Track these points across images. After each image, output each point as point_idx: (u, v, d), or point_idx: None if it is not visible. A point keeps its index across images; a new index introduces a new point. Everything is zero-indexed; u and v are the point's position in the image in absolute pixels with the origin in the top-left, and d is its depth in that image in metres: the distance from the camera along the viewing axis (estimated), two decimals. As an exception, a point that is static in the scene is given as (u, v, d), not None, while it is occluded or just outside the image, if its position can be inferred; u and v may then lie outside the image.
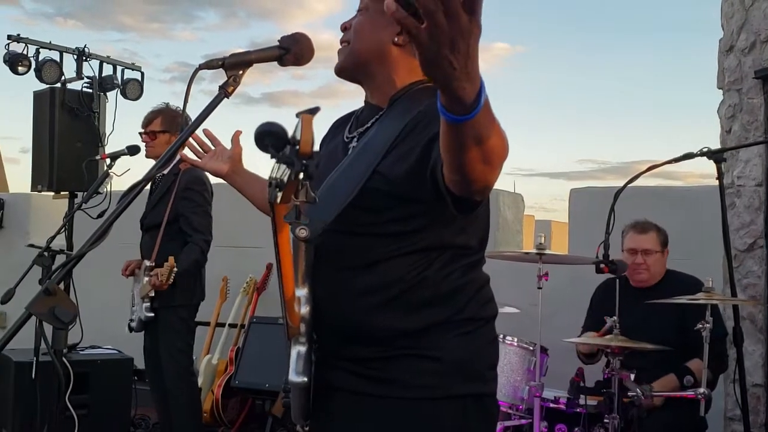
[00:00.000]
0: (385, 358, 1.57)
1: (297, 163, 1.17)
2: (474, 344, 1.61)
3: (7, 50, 4.81)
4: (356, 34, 1.72)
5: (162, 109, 4.36)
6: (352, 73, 1.76)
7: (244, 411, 5.37)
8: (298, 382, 1.54)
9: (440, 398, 1.57)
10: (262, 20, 43.97)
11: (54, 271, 1.45)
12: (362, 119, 1.75)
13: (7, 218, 7.20)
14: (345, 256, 1.59)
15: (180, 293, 4.14)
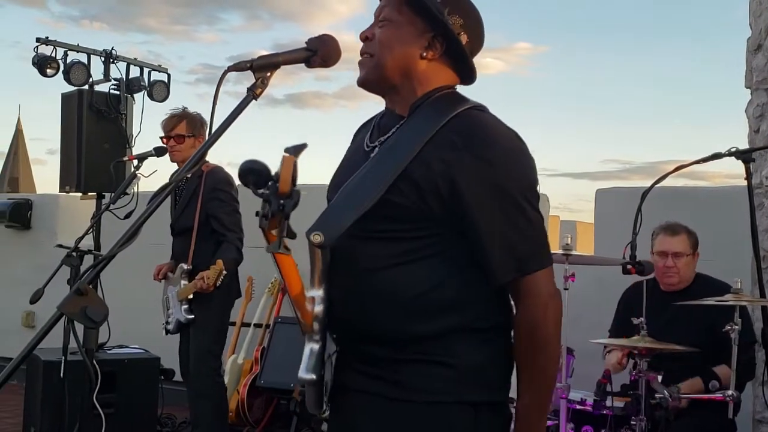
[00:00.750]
0: (399, 361, 1.58)
1: (274, 202, 1.24)
2: (489, 352, 1.62)
3: (35, 53, 4.85)
4: (383, 47, 1.70)
5: (184, 113, 4.38)
6: (376, 87, 1.76)
7: (269, 411, 5.39)
8: (306, 379, 1.57)
9: (452, 403, 1.57)
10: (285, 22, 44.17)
11: (85, 272, 1.47)
12: (383, 127, 1.75)
13: (35, 219, 7.28)
14: (362, 259, 1.60)
15: (216, 294, 4.17)
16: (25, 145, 22.81)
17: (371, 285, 1.59)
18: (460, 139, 1.58)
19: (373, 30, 1.73)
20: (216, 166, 4.30)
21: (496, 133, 1.62)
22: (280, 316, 5.52)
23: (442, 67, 1.72)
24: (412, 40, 1.69)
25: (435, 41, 1.69)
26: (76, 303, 1.42)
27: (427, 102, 1.69)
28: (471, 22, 1.72)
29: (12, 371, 1.37)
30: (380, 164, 1.63)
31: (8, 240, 7.42)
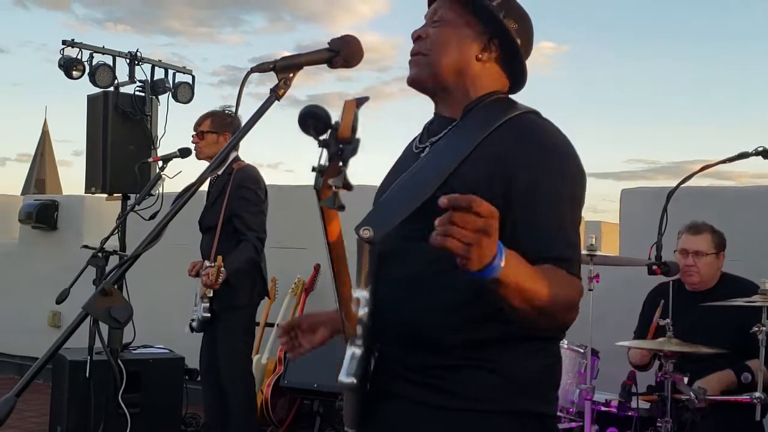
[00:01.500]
0: (445, 368, 1.55)
1: (333, 145, 1.18)
2: (538, 363, 1.59)
3: (62, 55, 4.90)
4: (439, 46, 1.69)
5: (212, 111, 4.43)
6: (428, 86, 1.73)
7: (292, 410, 5.41)
8: (346, 383, 1.52)
9: (500, 412, 1.55)
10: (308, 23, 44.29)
11: (110, 272, 1.48)
12: (433, 130, 1.73)
13: (61, 220, 7.36)
14: (410, 261, 1.58)
15: (240, 294, 4.18)
16: (51, 147, 23.02)
17: (421, 288, 1.57)
18: (516, 138, 1.57)
19: (426, 29, 1.72)
20: (247, 165, 4.31)
21: (552, 136, 1.61)
22: (304, 316, 5.53)
23: (495, 71, 1.72)
24: (469, 41, 1.68)
25: (491, 44, 1.69)
26: (101, 303, 1.43)
27: (480, 105, 1.68)
28: (524, 26, 1.72)
29: (37, 371, 1.38)
30: (431, 163, 1.62)
31: (35, 241, 7.51)
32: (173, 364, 5.05)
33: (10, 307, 7.56)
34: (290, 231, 5.69)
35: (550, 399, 1.63)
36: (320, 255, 5.75)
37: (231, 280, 4.08)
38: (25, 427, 5.26)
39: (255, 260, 4.19)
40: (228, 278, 4.05)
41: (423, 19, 1.78)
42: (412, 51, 1.74)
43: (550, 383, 1.64)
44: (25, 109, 54.67)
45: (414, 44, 1.74)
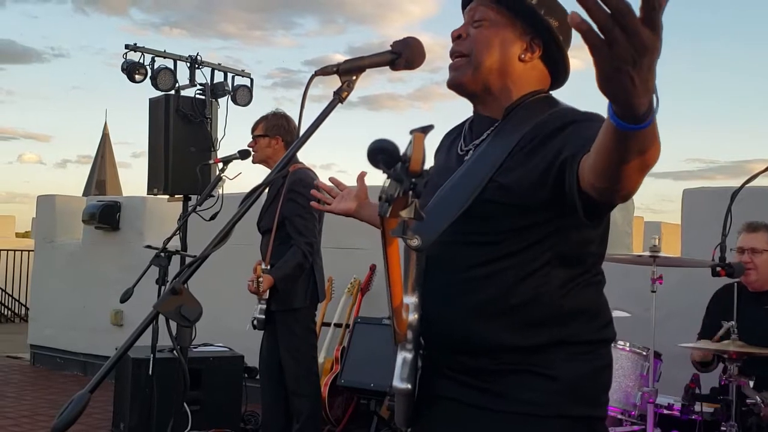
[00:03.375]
0: (495, 372, 1.55)
1: (406, 180, 1.18)
2: (589, 367, 1.58)
3: (125, 59, 5.02)
4: (482, 46, 1.67)
5: (266, 114, 4.46)
6: (470, 88, 1.71)
7: (349, 410, 5.44)
8: (401, 389, 1.54)
9: (550, 417, 1.54)
10: (359, 25, 44.55)
11: (180, 272, 1.50)
12: (476, 131, 1.72)
13: (124, 220, 7.52)
14: (457, 266, 1.58)
15: (294, 296, 4.21)
16: (111, 149, 23.51)
17: (469, 292, 1.56)
18: (556, 123, 1.54)
19: (467, 29, 1.70)
20: (301, 168, 4.31)
21: (589, 112, 1.58)
22: (360, 316, 5.56)
23: (538, 70, 1.70)
24: (512, 41, 1.67)
25: (533, 43, 1.67)
26: (172, 302, 1.46)
27: (521, 106, 1.66)
28: (564, 22, 1.69)
29: (110, 368, 1.40)
30: (474, 169, 1.61)
31: (98, 241, 7.68)
32: (233, 362, 5.13)
33: (74, 305, 7.76)
34: (346, 231, 5.72)
35: (601, 402, 1.62)
36: (376, 255, 5.77)
37: (279, 286, 4.11)
38: (90, 423, 5.39)
39: (303, 266, 4.17)
40: (276, 285, 4.08)
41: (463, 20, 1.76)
42: (451, 51, 1.72)
43: (601, 387, 1.62)
44: (85, 112, 56.05)
45: (453, 44, 1.72)
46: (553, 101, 1.68)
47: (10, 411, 5.94)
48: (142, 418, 4.70)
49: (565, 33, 1.70)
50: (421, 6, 41.79)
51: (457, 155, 1.73)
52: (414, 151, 1.18)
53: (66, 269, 8.00)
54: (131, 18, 46.44)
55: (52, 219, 8.27)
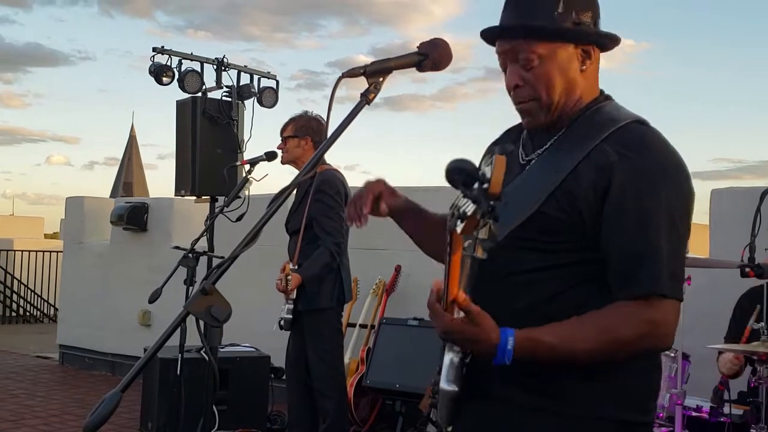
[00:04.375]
0: (544, 372, 1.55)
1: (484, 203, 1.19)
2: (640, 372, 1.58)
3: (152, 62, 5.05)
4: (545, 87, 1.63)
5: (294, 116, 4.48)
6: (550, 122, 1.67)
7: (375, 410, 5.44)
8: (448, 391, 1.55)
9: (598, 419, 1.54)
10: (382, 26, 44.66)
11: (209, 272, 1.52)
12: (537, 142, 1.70)
13: (151, 221, 7.58)
14: (509, 271, 1.58)
15: (320, 297, 4.22)
16: (138, 151, 23.72)
17: (522, 296, 1.57)
18: (619, 150, 1.54)
19: (518, 74, 1.65)
20: (328, 169, 4.33)
21: (656, 147, 1.57)
22: (385, 317, 5.57)
23: (595, 68, 1.69)
24: (568, 61, 1.64)
25: (586, 49, 1.65)
26: (202, 302, 1.47)
27: (585, 116, 1.65)
28: (596, 8, 1.68)
29: (140, 369, 1.41)
30: (537, 176, 1.61)
31: (126, 242, 7.76)
32: (259, 362, 5.16)
33: (102, 305, 7.84)
34: (372, 232, 5.69)
35: (648, 408, 1.61)
36: (401, 256, 5.79)
37: (307, 285, 4.13)
38: (118, 422, 5.44)
39: (331, 265, 4.19)
40: (304, 283, 4.10)
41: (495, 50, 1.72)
42: (516, 100, 1.68)
43: (648, 393, 1.62)
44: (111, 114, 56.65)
45: (514, 93, 1.68)
46: (616, 110, 1.65)
47: (39, 410, 6.02)
48: (170, 417, 4.74)
49: (595, 8, 1.68)
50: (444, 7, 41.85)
51: (519, 164, 1.71)
52: (495, 174, 1.18)
53: (94, 270, 8.08)
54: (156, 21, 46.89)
55: (81, 220, 8.36)
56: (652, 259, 1.50)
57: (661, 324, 1.50)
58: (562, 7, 1.62)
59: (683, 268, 1.55)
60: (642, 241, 1.50)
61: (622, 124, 1.60)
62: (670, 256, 1.51)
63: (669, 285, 1.50)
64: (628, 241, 1.51)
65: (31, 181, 69.93)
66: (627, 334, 1.49)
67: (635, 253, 1.50)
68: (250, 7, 50.56)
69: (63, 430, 5.45)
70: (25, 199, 72.79)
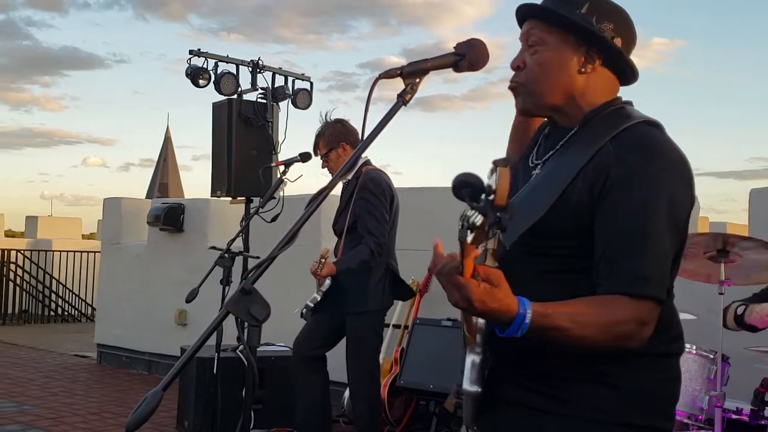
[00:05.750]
0: (563, 378, 1.56)
1: (491, 214, 1.21)
2: (657, 378, 1.58)
3: (188, 64, 5.11)
4: (539, 74, 1.65)
5: (319, 131, 4.46)
6: (538, 113, 1.73)
7: (408, 411, 5.45)
8: (471, 392, 1.56)
9: (614, 424, 1.54)
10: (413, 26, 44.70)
11: (249, 272, 1.54)
12: (550, 144, 1.71)
13: (187, 222, 7.66)
14: (528, 273, 1.58)
15: (371, 299, 4.23)
16: (173, 153, 23.96)
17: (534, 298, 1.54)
18: (619, 150, 1.54)
19: (523, 57, 1.69)
20: (372, 169, 4.33)
21: (657, 148, 1.56)
22: (419, 317, 5.57)
23: (603, 75, 1.67)
24: (568, 58, 1.64)
25: (591, 53, 1.65)
26: (242, 302, 1.49)
27: (598, 117, 1.64)
28: (620, 22, 1.67)
29: (181, 368, 1.43)
30: (544, 183, 1.62)
31: (162, 242, 7.85)
32: (294, 362, 5.18)
33: (140, 305, 7.94)
34: (404, 233, 5.71)
35: (667, 414, 1.61)
36: (435, 257, 5.76)
37: (339, 277, 4.14)
38: (154, 420, 5.50)
39: (368, 263, 4.18)
40: (336, 275, 4.11)
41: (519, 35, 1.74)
42: (510, 82, 1.72)
43: (667, 398, 1.61)
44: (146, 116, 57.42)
45: (514, 74, 1.71)
46: (628, 113, 1.65)
47: (78, 408, 6.11)
48: (206, 416, 4.79)
49: (624, 32, 1.67)
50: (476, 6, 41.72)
51: (528, 166, 1.73)
52: (499, 186, 1.20)
53: (131, 270, 8.19)
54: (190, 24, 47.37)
55: (118, 221, 8.48)
56: (642, 260, 1.49)
57: (646, 325, 1.49)
58: (585, 9, 1.64)
59: (669, 272, 1.54)
60: (632, 241, 1.50)
61: (630, 124, 1.59)
62: (659, 258, 1.51)
63: (655, 287, 1.49)
64: (619, 240, 1.50)
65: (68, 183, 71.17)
66: (622, 329, 1.47)
67: (626, 252, 1.50)
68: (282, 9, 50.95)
69: (102, 428, 5.53)
70: (62, 200, 74.02)
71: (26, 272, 13.03)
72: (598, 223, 1.53)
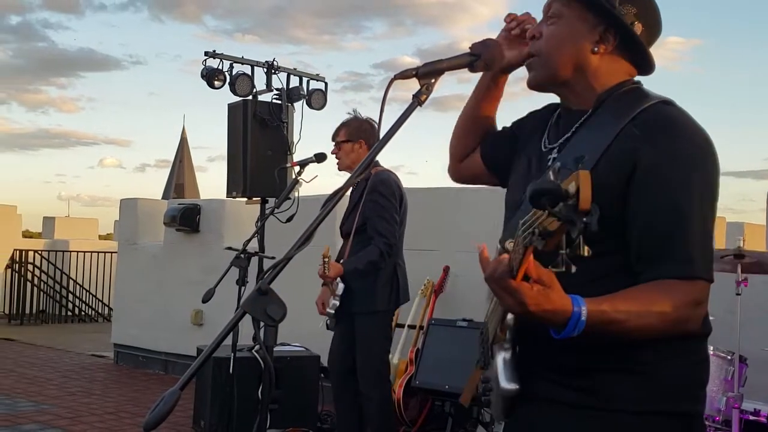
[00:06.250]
0: (592, 370, 1.54)
1: (578, 220, 1.19)
2: (686, 361, 1.56)
3: (204, 66, 5.13)
4: (552, 45, 1.67)
5: (346, 120, 4.49)
6: (548, 87, 1.73)
7: (424, 411, 5.44)
8: (510, 390, 1.53)
9: (648, 413, 1.52)
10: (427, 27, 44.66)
11: (265, 272, 1.54)
12: (563, 127, 1.71)
13: (203, 222, 7.69)
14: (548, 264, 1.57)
15: (379, 299, 4.24)
16: (189, 154, 24.08)
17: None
18: (643, 131, 1.53)
19: (540, 28, 1.70)
20: (382, 170, 4.33)
21: (683, 127, 1.55)
22: (434, 318, 5.56)
23: (618, 60, 1.67)
24: (582, 35, 1.65)
25: (607, 34, 1.64)
26: (259, 302, 1.49)
27: (612, 98, 1.64)
28: (645, 9, 1.66)
29: (198, 368, 1.44)
30: (567, 160, 1.58)
31: (178, 242, 7.89)
32: (309, 362, 5.20)
33: (156, 305, 7.98)
34: (419, 233, 5.73)
35: (697, 397, 1.59)
36: (449, 257, 5.78)
37: (347, 278, 4.14)
38: (171, 420, 5.49)
39: (378, 264, 4.17)
40: (344, 276, 4.11)
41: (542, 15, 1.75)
42: (526, 52, 1.73)
43: (697, 381, 1.60)
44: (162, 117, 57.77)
45: (530, 45, 1.72)
46: (643, 93, 1.64)
47: (96, 408, 6.15)
48: (222, 416, 4.80)
49: (648, 18, 1.66)
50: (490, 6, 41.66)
51: (540, 152, 1.72)
52: (582, 190, 1.18)
53: (148, 270, 8.23)
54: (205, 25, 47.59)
55: (135, 221, 8.53)
56: (688, 241, 1.48)
57: (700, 306, 1.49)
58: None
59: (713, 250, 1.54)
60: (676, 223, 1.49)
61: (648, 104, 1.58)
62: (704, 237, 1.51)
63: (704, 267, 1.49)
64: (661, 224, 1.49)
65: (85, 184, 71.64)
66: (679, 314, 1.46)
67: (670, 235, 1.49)
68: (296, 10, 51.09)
69: (119, 427, 5.56)
70: (78, 200, 74.57)
71: (44, 272, 13.13)
72: (633, 207, 1.51)
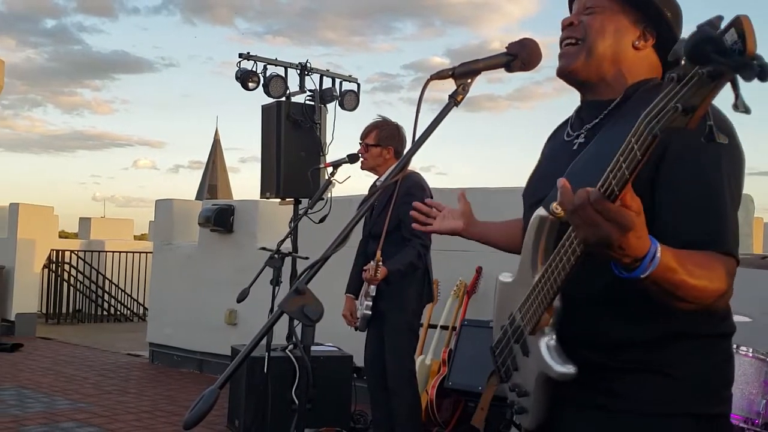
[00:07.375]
0: (614, 369, 1.53)
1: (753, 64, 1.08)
2: (710, 361, 1.54)
3: (238, 67, 5.18)
4: (596, 33, 1.67)
5: (378, 123, 4.50)
6: (582, 76, 1.70)
7: (457, 412, 5.44)
8: (567, 373, 1.48)
9: (672, 415, 1.50)
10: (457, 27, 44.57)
11: (302, 272, 1.55)
12: (586, 117, 1.71)
13: (237, 223, 7.76)
14: None
15: (408, 296, 4.26)
16: (222, 155, 24.27)
17: (597, 279, 1.50)
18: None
19: (578, 17, 1.70)
20: (412, 172, 4.37)
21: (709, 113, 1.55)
22: (467, 318, 5.55)
23: (651, 58, 1.69)
24: (626, 28, 1.67)
25: (647, 32, 1.67)
26: (296, 302, 1.50)
27: (640, 91, 1.64)
28: (676, 14, 1.69)
29: (237, 367, 1.45)
30: (603, 151, 1.54)
31: (213, 243, 7.96)
32: (342, 362, 5.22)
33: (191, 305, 8.06)
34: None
35: (723, 397, 1.57)
36: (482, 257, 5.76)
37: (390, 279, 4.16)
38: (206, 419, 5.52)
39: (416, 265, 4.23)
40: (388, 277, 4.14)
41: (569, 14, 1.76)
42: (562, 38, 1.71)
43: (722, 381, 1.58)
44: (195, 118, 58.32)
45: (564, 32, 1.72)
46: None
47: (132, 407, 6.22)
48: (257, 415, 4.84)
49: (677, 25, 1.69)
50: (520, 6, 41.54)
51: (564, 142, 1.73)
52: (748, 34, 1.09)
53: (182, 270, 8.31)
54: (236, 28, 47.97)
55: (170, 222, 8.62)
56: (723, 222, 1.48)
57: (732, 281, 1.47)
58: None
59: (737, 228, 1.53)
60: (710, 199, 1.48)
61: None
62: (734, 219, 1.51)
63: (735, 246, 1.49)
64: (695, 199, 1.48)
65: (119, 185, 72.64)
66: (722, 283, 1.43)
67: (706, 211, 1.48)
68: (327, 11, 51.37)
69: (154, 426, 5.62)
70: (113, 201, 75.60)
71: (80, 272, 13.32)
72: (664, 188, 1.50)
